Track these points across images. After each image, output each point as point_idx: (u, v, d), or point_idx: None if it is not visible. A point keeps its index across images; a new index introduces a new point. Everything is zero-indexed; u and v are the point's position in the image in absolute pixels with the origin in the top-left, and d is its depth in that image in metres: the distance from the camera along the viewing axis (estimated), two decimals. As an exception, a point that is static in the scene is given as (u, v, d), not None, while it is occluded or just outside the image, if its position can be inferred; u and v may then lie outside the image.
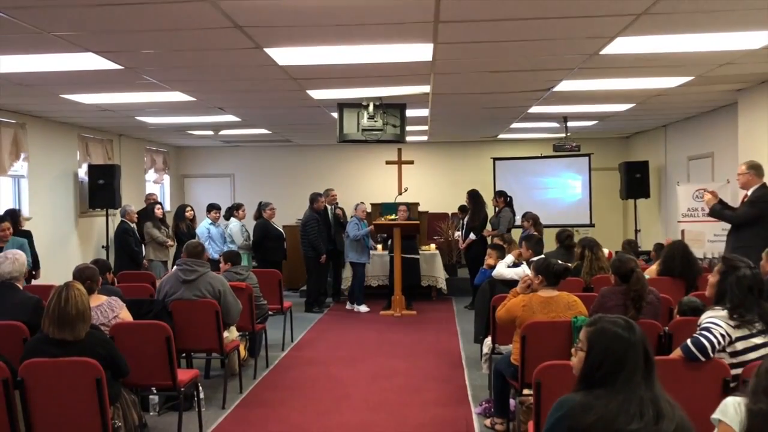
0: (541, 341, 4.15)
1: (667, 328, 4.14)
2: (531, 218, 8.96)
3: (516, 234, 9.29)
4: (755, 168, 6.10)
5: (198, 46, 5.28)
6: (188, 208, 9.75)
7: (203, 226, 9.43)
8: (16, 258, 4.60)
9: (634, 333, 2.17)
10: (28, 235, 7.31)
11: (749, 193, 6.09)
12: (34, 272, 7.28)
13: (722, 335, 3.24)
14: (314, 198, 9.88)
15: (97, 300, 4.50)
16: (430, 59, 5.73)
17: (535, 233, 8.61)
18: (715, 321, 3.29)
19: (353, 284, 9.93)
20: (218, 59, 5.76)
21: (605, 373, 2.13)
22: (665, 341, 4.09)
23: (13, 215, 7.06)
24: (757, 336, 3.27)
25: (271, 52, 5.38)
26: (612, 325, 2.20)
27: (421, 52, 5.48)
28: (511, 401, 4.69)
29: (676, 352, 3.32)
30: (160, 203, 9.54)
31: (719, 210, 6.20)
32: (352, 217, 9.95)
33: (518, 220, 10.56)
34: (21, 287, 4.67)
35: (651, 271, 5.84)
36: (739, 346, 3.27)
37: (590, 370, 2.15)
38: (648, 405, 2.04)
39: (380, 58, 5.68)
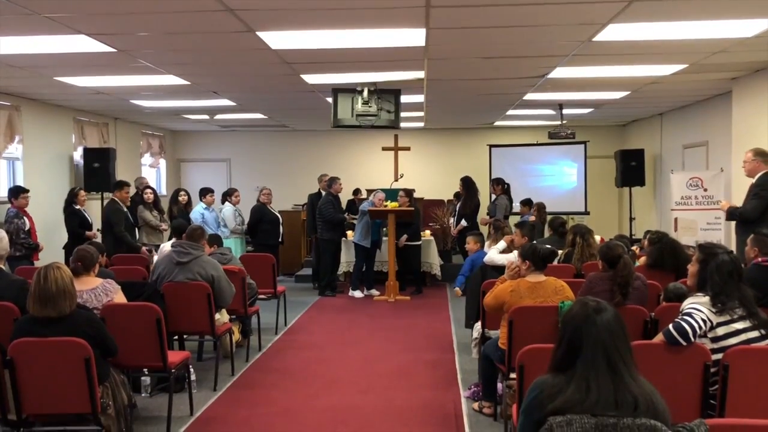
0: (528, 326, 4.18)
1: (653, 314, 4.18)
2: (535, 205, 9.03)
3: (513, 221, 9.32)
4: (762, 155, 6.06)
5: (190, 29, 5.27)
6: (182, 193, 9.76)
7: (197, 210, 9.44)
8: None
9: (599, 315, 2.12)
10: None
11: (754, 180, 6.07)
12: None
13: (704, 320, 3.27)
14: (332, 181, 9.94)
15: (92, 283, 4.48)
16: (423, 44, 5.73)
17: (532, 219, 8.68)
18: (697, 306, 3.32)
19: (354, 268, 9.96)
20: (211, 42, 5.75)
21: (565, 352, 2.12)
22: (651, 327, 4.13)
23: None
24: (738, 321, 3.30)
25: (263, 35, 5.38)
26: (579, 306, 2.19)
27: (414, 37, 5.48)
28: (499, 385, 4.73)
29: (658, 337, 3.35)
30: (151, 187, 9.52)
31: (734, 211, 6.14)
32: (366, 201, 10.03)
33: (516, 207, 10.61)
34: (3, 268, 4.54)
35: (641, 261, 5.87)
36: (720, 331, 3.30)
37: (555, 348, 2.17)
38: (609, 392, 2.00)
39: (373, 42, 5.67)
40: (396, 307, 9.06)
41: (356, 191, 12.15)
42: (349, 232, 10.30)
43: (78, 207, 8.40)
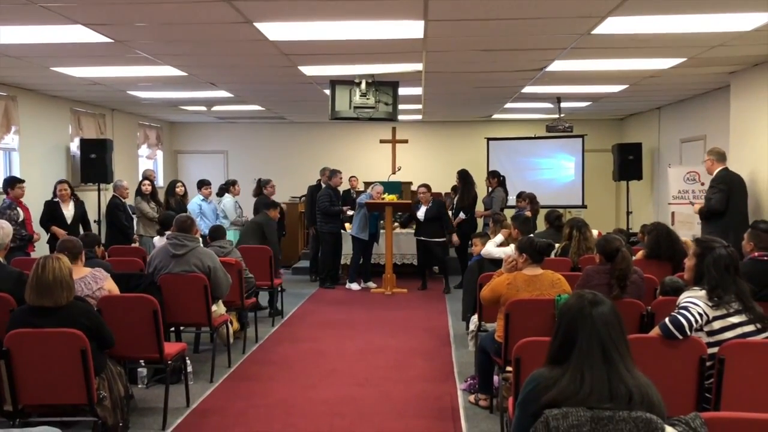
0: (525, 319, 4.18)
1: (649, 307, 4.18)
2: (527, 197, 8.96)
3: (510, 213, 9.29)
4: (715, 154, 6.85)
5: (187, 20, 5.24)
6: (179, 184, 9.75)
7: (194, 202, 9.45)
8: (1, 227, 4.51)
9: (595, 307, 2.12)
10: None
11: (713, 176, 6.86)
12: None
13: (700, 314, 3.28)
14: (333, 174, 10.01)
15: (80, 272, 4.46)
16: (421, 36, 5.71)
17: (527, 212, 8.67)
18: (693, 300, 3.33)
19: (351, 260, 9.94)
20: (208, 33, 5.72)
21: (561, 344, 2.12)
22: (647, 320, 4.13)
23: None
24: (734, 315, 3.31)
25: (261, 26, 5.35)
26: (575, 298, 2.19)
27: (412, 28, 5.46)
28: (495, 378, 4.74)
29: (655, 330, 3.37)
30: (149, 179, 9.51)
31: (705, 210, 6.86)
32: (364, 194, 10.02)
33: (512, 200, 10.60)
34: (1, 260, 4.53)
35: (638, 255, 5.87)
36: (716, 325, 3.31)
37: (552, 341, 2.17)
38: (603, 383, 2.00)
39: (371, 34, 5.65)
40: (393, 300, 9.07)
41: (351, 178, 12.11)
42: (347, 225, 10.29)
43: (56, 200, 8.15)
